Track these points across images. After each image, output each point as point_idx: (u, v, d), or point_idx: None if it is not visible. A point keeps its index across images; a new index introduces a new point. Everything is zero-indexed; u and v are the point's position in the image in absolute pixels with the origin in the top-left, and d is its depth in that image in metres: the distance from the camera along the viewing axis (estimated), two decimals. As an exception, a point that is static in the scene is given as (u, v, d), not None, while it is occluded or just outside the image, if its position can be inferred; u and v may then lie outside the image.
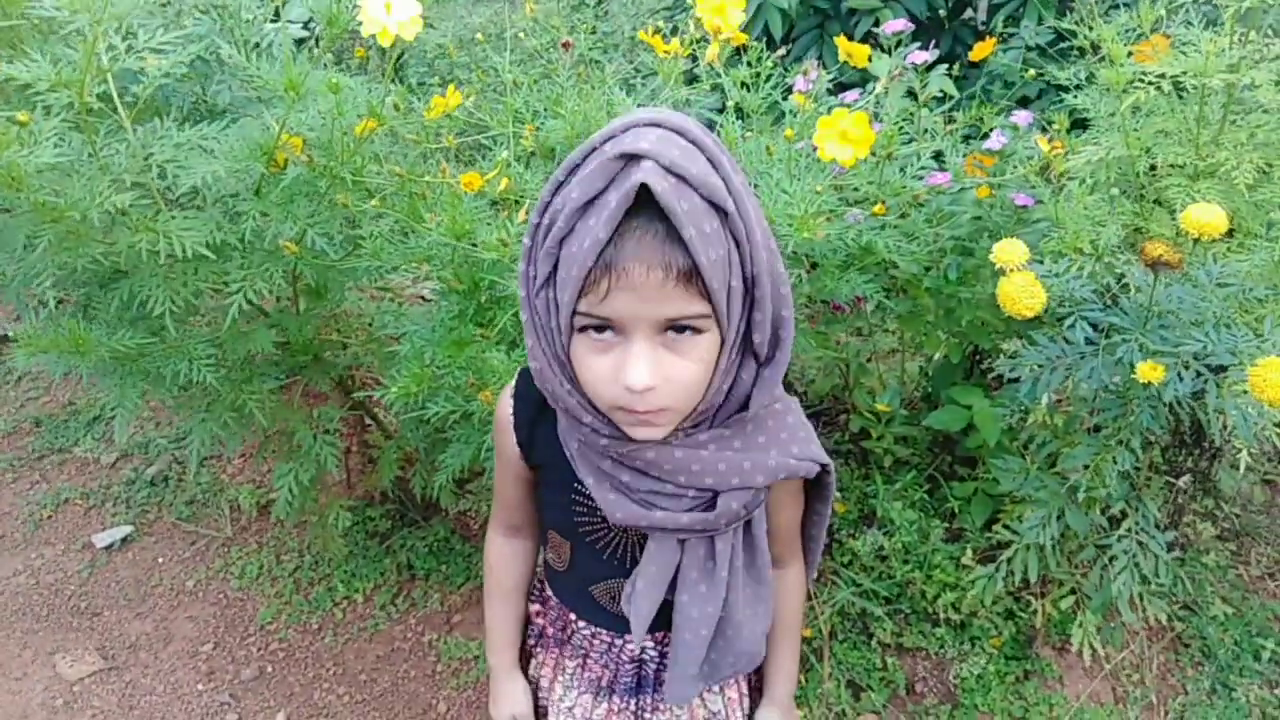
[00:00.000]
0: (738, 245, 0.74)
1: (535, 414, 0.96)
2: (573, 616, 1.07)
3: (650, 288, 0.71)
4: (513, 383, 0.99)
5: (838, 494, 2.26)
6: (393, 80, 1.48)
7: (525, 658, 1.18)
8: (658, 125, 0.73)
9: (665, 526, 0.87)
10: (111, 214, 1.34)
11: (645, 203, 0.70)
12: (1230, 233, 1.50)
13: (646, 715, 1.09)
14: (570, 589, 1.06)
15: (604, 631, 1.05)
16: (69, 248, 1.36)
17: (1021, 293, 1.27)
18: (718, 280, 0.73)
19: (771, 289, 0.78)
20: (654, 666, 1.07)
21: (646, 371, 0.74)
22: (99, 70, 1.28)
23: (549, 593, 1.11)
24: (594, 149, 0.74)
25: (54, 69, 1.24)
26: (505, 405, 0.98)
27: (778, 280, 0.79)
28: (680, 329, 0.75)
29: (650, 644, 1.05)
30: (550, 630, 1.12)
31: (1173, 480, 1.80)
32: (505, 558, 1.12)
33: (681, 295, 0.72)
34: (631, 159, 0.71)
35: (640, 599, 0.91)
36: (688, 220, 0.70)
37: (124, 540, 2.52)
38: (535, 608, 1.15)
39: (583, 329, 0.76)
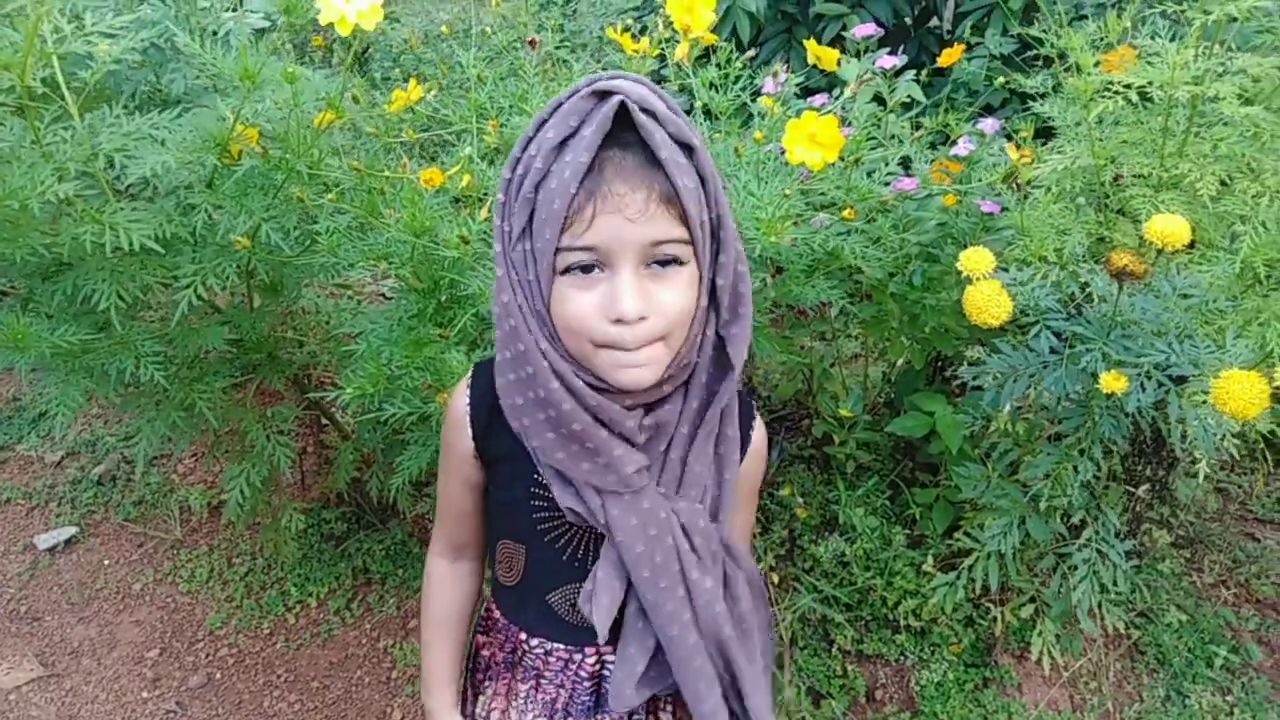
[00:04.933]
0: (704, 182, 0.78)
1: (493, 407, 0.92)
2: (523, 636, 1.01)
3: (635, 208, 0.74)
4: (466, 378, 0.95)
5: (799, 499, 2.26)
6: (357, 74, 1.45)
7: (472, 695, 1.11)
8: (619, 78, 0.77)
9: (641, 484, 0.85)
10: (55, 204, 1.29)
11: (621, 135, 0.75)
12: (1192, 244, 1.51)
13: None
14: (523, 604, 1.00)
15: (560, 647, 0.99)
16: (7, 238, 1.31)
17: (987, 301, 1.26)
18: (693, 206, 0.76)
19: (732, 234, 0.81)
20: None
21: (637, 300, 0.75)
22: (43, 53, 1.23)
23: (496, 615, 1.05)
24: (561, 103, 0.77)
25: (-7, 50, 1.19)
26: (460, 399, 0.95)
27: (736, 231, 0.82)
28: (664, 261, 0.77)
29: (611, 655, 1.00)
30: (499, 656, 1.05)
31: (1131, 489, 1.81)
32: (447, 584, 1.06)
33: (663, 217, 0.75)
34: (603, 95, 0.75)
35: (602, 586, 0.88)
36: (662, 147, 0.74)
37: (68, 542, 2.44)
38: (481, 639, 1.09)
39: (566, 270, 0.77)
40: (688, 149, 0.77)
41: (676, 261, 0.77)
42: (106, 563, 2.38)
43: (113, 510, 2.55)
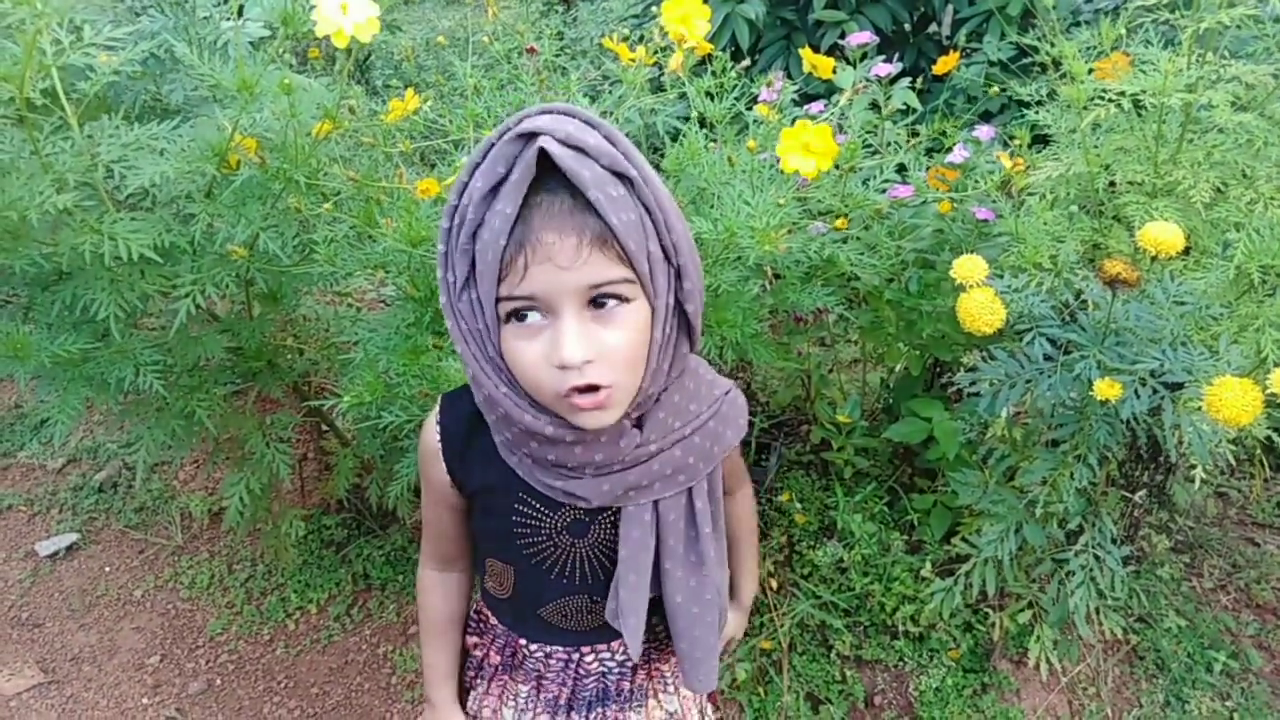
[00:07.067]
0: (649, 212, 0.75)
1: (465, 439, 0.92)
2: (522, 641, 1.03)
3: (566, 255, 0.71)
4: (434, 412, 0.95)
5: (798, 505, 2.26)
6: (357, 83, 1.45)
7: (463, 692, 1.14)
8: (548, 112, 0.74)
9: (641, 484, 0.85)
10: (54, 214, 1.30)
11: (549, 178, 0.72)
12: (1187, 251, 1.51)
13: None
14: (518, 616, 1.02)
15: (559, 649, 1.02)
16: (7, 248, 1.32)
17: (981, 309, 1.27)
18: (634, 242, 0.73)
19: (692, 258, 0.79)
20: (616, 677, 1.04)
21: (579, 345, 0.72)
22: (42, 65, 1.24)
23: (492, 621, 1.07)
24: (492, 144, 0.74)
25: (-8, 63, 1.20)
26: (430, 434, 0.94)
27: (695, 252, 0.80)
28: (605, 300, 0.74)
29: (607, 654, 1.03)
30: (496, 659, 1.07)
31: (1129, 495, 1.81)
32: (439, 592, 1.08)
33: (600, 260, 0.72)
34: (528, 137, 0.71)
35: (627, 607, 0.89)
36: (592, 184, 0.70)
37: (69, 548, 2.45)
38: (474, 640, 1.11)
39: (509, 318, 0.75)
40: (626, 180, 0.74)
41: (621, 299, 0.74)
42: (107, 569, 2.38)
43: (114, 517, 2.56)
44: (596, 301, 0.74)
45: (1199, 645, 2.05)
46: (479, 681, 1.10)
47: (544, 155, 0.71)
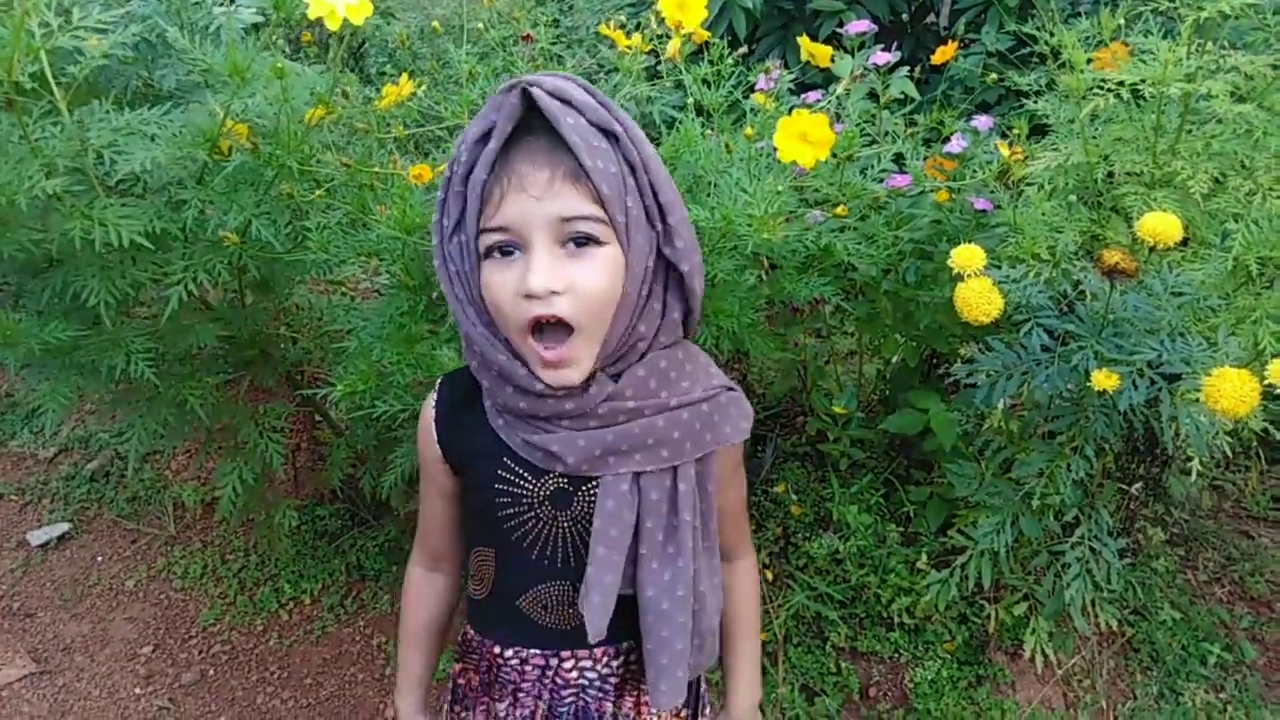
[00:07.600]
0: (633, 170, 0.79)
1: (460, 409, 0.94)
2: (498, 650, 1.00)
3: (539, 185, 0.75)
4: (434, 391, 0.98)
5: (794, 496, 2.25)
6: (351, 70, 1.44)
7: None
8: (547, 76, 0.79)
9: (620, 448, 0.85)
10: (44, 200, 1.28)
11: (536, 126, 0.77)
12: (1185, 242, 1.50)
13: None
14: (495, 616, 1.00)
15: (535, 653, 0.98)
16: (-5, 234, 1.30)
17: (978, 298, 1.26)
18: (608, 187, 0.76)
19: (685, 221, 0.82)
20: (597, 694, 0.99)
21: (546, 275, 0.76)
22: (30, 48, 1.22)
23: (471, 635, 1.05)
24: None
25: (-21, 45, 1.18)
26: (427, 409, 0.98)
27: (687, 217, 0.84)
28: (580, 241, 0.77)
29: (588, 663, 0.99)
30: (475, 680, 1.05)
31: (1125, 487, 1.81)
32: (423, 594, 1.09)
33: (572, 193, 0.76)
34: (520, 88, 0.77)
35: (593, 582, 0.86)
36: (572, 130, 0.75)
37: (61, 538, 2.43)
38: (457, 666, 1.09)
39: (489, 253, 0.79)
40: (611, 135, 0.78)
41: (594, 241, 0.78)
42: (99, 559, 2.37)
43: (106, 507, 2.55)
44: (571, 240, 0.77)
45: (1193, 638, 2.05)
46: (465, 714, 1.07)
47: (535, 108, 0.76)
